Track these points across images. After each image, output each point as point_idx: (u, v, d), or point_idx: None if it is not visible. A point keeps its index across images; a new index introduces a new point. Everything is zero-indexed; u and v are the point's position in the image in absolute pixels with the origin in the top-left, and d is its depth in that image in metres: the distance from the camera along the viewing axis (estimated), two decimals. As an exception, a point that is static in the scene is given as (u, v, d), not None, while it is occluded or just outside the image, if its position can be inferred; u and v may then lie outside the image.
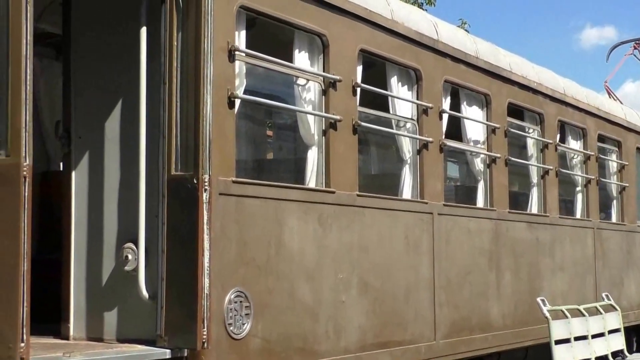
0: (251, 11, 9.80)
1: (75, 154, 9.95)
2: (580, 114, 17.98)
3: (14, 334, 7.17)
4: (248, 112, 10.68)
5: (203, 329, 8.73)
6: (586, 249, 17.88)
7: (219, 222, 8.99)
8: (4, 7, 7.41)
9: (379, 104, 12.27)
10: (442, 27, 13.93)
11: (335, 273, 10.77)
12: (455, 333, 13.24)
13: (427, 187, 12.76)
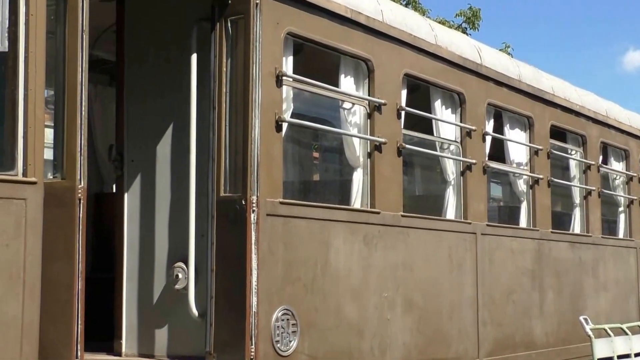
0: (298, 37, 9.88)
1: (128, 177, 10.08)
2: (623, 136, 17.92)
3: (68, 350, 7.29)
4: (295, 135, 10.72)
5: (251, 346, 8.82)
6: (629, 268, 17.80)
7: (266, 242, 9.06)
8: (61, 35, 7.56)
9: (423, 127, 12.29)
10: (485, 51, 13.95)
11: (380, 292, 10.80)
12: (499, 351, 13.22)
13: (471, 208, 12.77)
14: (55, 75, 7.56)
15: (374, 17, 11.00)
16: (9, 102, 7.26)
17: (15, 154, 7.17)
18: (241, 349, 8.82)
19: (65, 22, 7.55)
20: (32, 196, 7.17)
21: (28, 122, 7.23)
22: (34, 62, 7.28)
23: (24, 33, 7.22)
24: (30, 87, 7.25)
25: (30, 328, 7.10)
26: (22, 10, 7.19)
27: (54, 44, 7.52)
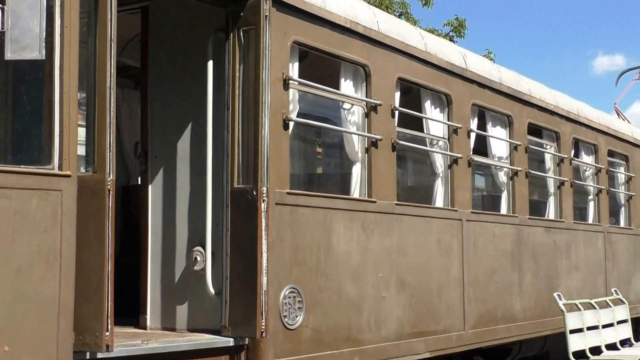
0: (303, 46, 9.89)
1: (152, 171, 10.09)
2: (592, 132, 17.92)
3: (100, 325, 7.30)
4: (300, 132, 10.73)
5: (262, 321, 8.84)
6: (597, 250, 17.81)
7: (275, 229, 9.09)
8: (92, 44, 7.55)
9: (414, 125, 12.28)
10: (470, 57, 13.95)
11: (377, 273, 10.81)
12: (482, 324, 13.24)
13: (457, 197, 12.77)
14: (87, 80, 7.55)
15: (370, 27, 11.00)
16: (46, 104, 7.26)
17: (52, 151, 7.17)
18: (253, 324, 8.84)
19: (95, 32, 7.55)
20: (67, 188, 7.17)
21: (63, 122, 7.23)
22: (68, 68, 7.28)
23: (59, 43, 7.22)
24: (64, 90, 7.25)
25: (66, 305, 7.10)
26: (57, 23, 7.19)
27: (85, 52, 7.52)
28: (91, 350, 7.37)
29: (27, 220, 6.92)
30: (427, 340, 11.78)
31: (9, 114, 7.62)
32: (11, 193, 6.82)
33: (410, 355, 11.44)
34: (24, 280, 6.88)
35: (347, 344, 10.20)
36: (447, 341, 12.31)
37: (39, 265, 6.97)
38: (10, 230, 6.80)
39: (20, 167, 7.01)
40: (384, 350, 10.86)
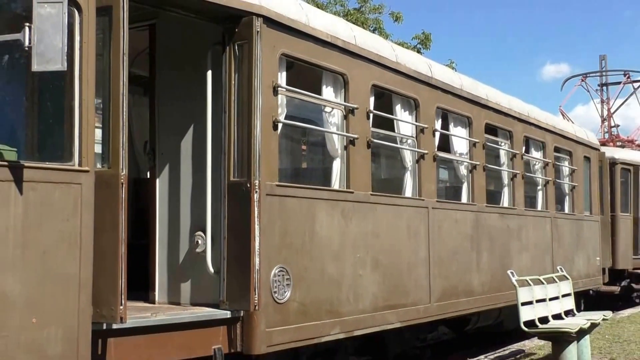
0: (290, 57, 9.91)
1: (159, 166, 10.11)
2: (541, 131, 17.96)
3: (115, 299, 7.34)
4: (288, 132, 10.76)
5: (255, 296, 8.89)
6: (545, 233, 17.89)
7: (266, 216, 9.12)
8: (107, 57, 7.59)
9: (386, 125, 12.30)
10: (435, 67, 13.97)
11: (354, 254, 10.85)
12: (446, 297, 13.28)
13: (424, 188, 12.80)
14: (103, 88, 7.59)
15: (348, 41, 11.02)
16: (67, 109, 7.30)
17: (72, 149, 7.21)
18: (247, 298, 8.90)
19: (110, 47, 7.58)
20: (85, 182, 7.21)
21: (82, 124, 7.26)
22: (86, 78, 7.31)
23: (79, 56, 7.25)
24: (83, 97, 7.28)
25: (86, 282, 7.14)
26: (77, 39, 7.22)
27: (101, 64, 7.55)
28: (107, 321, 7.42)
29: (52, 209, 6.96)
30: (398, 312, 11.84)
31: (35, 118, 7.64)
32: (38, 186, 6.86)
33: (384, 325, 11.50)
34: (49, 261, 6.92)
35: (329, 315, 10.25)
36: (416, 313, 12.37)
37: (62, 248, 7.02)
38: (37, 218, 6.85)
39: (45, 163, 7.05)
40: (361, 321, 10.90)
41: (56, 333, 6.93)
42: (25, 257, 6.75)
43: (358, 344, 11.47)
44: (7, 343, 6.59)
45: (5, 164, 6.68)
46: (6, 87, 7.08)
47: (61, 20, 6.57)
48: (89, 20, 7.35)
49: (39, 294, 6.83)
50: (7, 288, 6.62)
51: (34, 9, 6.56)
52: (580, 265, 20.13)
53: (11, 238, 6.67)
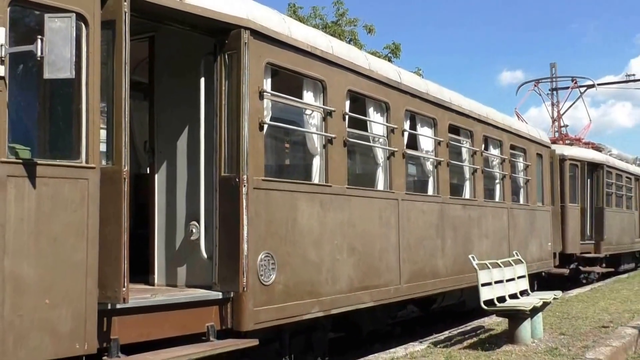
0: (274, 66, 9.93)
1: (157, 163, 10.14)
2: (498, 131, 18.02)
3: (118, 282, 7.36)
4: (272, 133, 10.75)
5: (243, 279, 8.93)
6: (502, 222, 17.96)
7: (253, 207, 9.15)
8: (111, 65, 7.61)
9: (361, 126, 12.33)
10: (404, 73, 14.00)
11: (332, 240, 10.88)
12: (414, 279, 13.32)
13: (394, 182, 12.84)
14: (107, 93, 7.60)
15: (326, 51, 11.06)
16: (75, 112, 7.34)
17: (80, 148, 7.26)
18: (236, 281, 8.94)
19: (113, 56, 7.59)
20: (92, 177, 7.25)
21: (88, 126, 7.30)
22: (92, 84, 7.35)
23: (85, 64, 7.29)
24: (89, 101, 7.32)
25: (92, 268, 7.18)
26: (84, 49, 7.26)
27: (105, 72, 7.56)
28: (111, 302, 7.46)
29: (61, 202, 7.00)
30: (371, 292, 11.88)
31: (47, 120, 7.66)
32: (49, 181, 6.91)
33: (358, 304, 11.55)
34: (60, 248, 6.96)
35: (309, 296, 10.29)
36: (387, 293, 12.42)
37: (71, 236, 7.05)
38: (48, 209, 6.89)
39: (55, 161, 7.09)
40: (338, 301, 10.95)
41: (66, 312, 6.97)
42: (38, 245, 6.79)
43: (335, 321, 11.51)
44: (23, 321, 6.63)
45: (20, 162, 6.73)
46: (21, 92, 7.08)
47: (69, 33, 6.60)
48: (94, 33, 7.39)
49: (50, 277, 6.87)
50: (23, 273, 6.65)
51: (45, 23, 6.61)
52: (534, 250, 20.24)
53: (25, 228, 6.70)
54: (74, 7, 7.14)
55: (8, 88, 6.65)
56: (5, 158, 6.60)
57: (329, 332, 11.51)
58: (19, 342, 6.61)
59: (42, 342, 6.79)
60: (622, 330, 13.98)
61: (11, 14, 6.75)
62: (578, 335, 13.47)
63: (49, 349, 6.85)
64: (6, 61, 6.60)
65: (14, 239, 6.61)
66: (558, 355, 11.43)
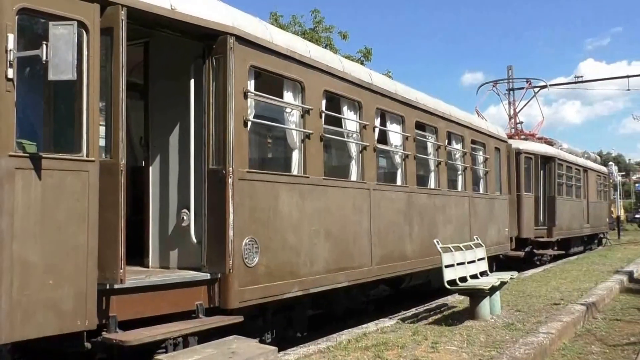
0: (257, 68, 9.95)
1: (151, 156, 10.16)
2: (460, 127, 18.09)
3: (116, 264, 7.39)
4: (256, 129, 10.75)
5: (229, 261, 8.98)
6: (464, 210, 18.06)
7: (238, 196, 9.19)
8: (109, 68, 7.63)
9: (336, 123, 12.36)
10: (375, 75, 14.05)
11: (310, 226, 10.93)
12: (384, 261, 13.38)
13: (366, 173, 12.89)
14: (106, 93, 7.62)
15: (304, 55, 11.09)
16: (77, 110, 7.37)
17: (81, 143, 7.30)
18: (223, 263, 8.99)
19: (111, 60, 7.61)
20: (92, 169, 7.28)
21: (89, 123, 7.34)
22: (92, 85, 7.38)
23: (86, 67, 7.32)
24: (90, 101, 7.35)
25: (92, 251, 7.22)
26: (85, 54, 7.29)
27: (104, 74, 7.58)
28: (110, 282, 7.50)
29: (65, 191, 7.03)
30: (346, 273, 11.95)
31: (51, 118, 7.71)
32: (53, 173, 6.94)
33: (334, 284, 11.61)
34: (63, 233, 6.99)
35: (290, 276, 10.34)
36: (360, 274, 12.48)
37: (73, 223, 7.09)
38: (53, 198, 6.92)
39: (59, 154, 7.13)
40: (316, 281, 11.01)
41: (69, 292, 7.01)
42: (43, 231, 6.83)
43: (314, 300, 11.55)
44: (29, 300, 6.67)
45: (27, 155, 6.77)
46: (28, 93, 7.10)
47: (72, 39, 6.64)
48: (94, 39, 7.42)
49: (54, 260, 6.91)
50: (29, 256, 6.69)
51: (49, 30, 6.65)
52: (493, 235, 20.35)
53: (32, 215, 6.74)
54: (76, 16, 7.18)
55: (16, 89, 6.68)
56: (13, 152, 6.64)
57: (307, 309, 11.55)
58: (26, 318, 6.65)
59: (47, 319, 6.83)
60: (571, 307, 14.11)
61: (19, 22, 6.79)
62: (532, 311, 13.58)
63: (53, 325, 6.90)
64: (14, 64, 6.63)
65: (22, 225, 6.65)
66: (514, 329, 11.52)
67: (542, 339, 10.69)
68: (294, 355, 9.38)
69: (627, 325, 13.83)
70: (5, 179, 6.58)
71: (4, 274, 6.51)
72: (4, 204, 6.56)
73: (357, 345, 10.11)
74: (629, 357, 10.93)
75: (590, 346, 11.70)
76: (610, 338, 12.49)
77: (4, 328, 6.50)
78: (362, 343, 10.26)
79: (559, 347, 11.25)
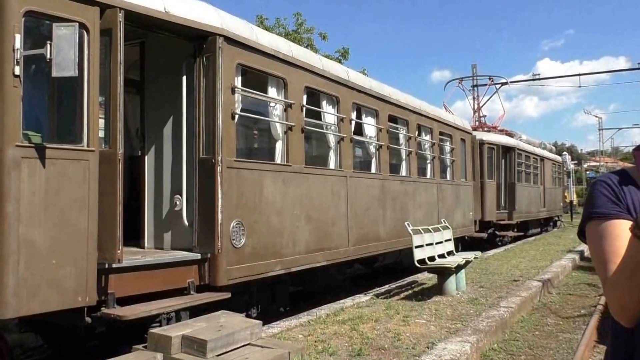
0: (244, 66, 9.92)
1: (147, 146, 10.11)
2: (429, 120, 18.12)
3: (114, 245, 7.38)
4: (243, 121, 10.73)
5: (218, 242, 8.98)
6: (433, 195, 18.10)
7: (226, 183, 9.18)
8: (108, 65, 7.59)
9: (316, 116, 12.38)
10: (351, 72, 14.04)
11: (292, 211, 10.94)
12: (360, 242, 13.41)
13: (343, 162, 12.90)
14: (105, 89, 7.59)
15: (287, 54, 11.07)
16: (78, 104, 7.33)
17: (82, 135, 7.26)
18: (212, 244, 8.98)
19: (110, 58, 7.58)
20: (92, 158, 7.25)
21: (89, 115, 7.30)
22: (92, 81, 7.33)
23: (87, 64, 7.27)
24: (90, 96, 7.31)
25: (92, 234, 7.20)
26: (85, 52, 7.24)
27: (104, 71, 7.55)
28: (108, 262, 7.48)
29: (67, 179, 7.00)
30: (324, 253, 11.97)
31: (55, 111, 7.66)
32: (56, 162, 6.91)
33: (314, 264, 11.63)
34: (65, 217, 6.97)
35: (273, 256, 10.35)
36: (337, 254, 12.50)
37: (75, 208, 7.06)
38: (56, 185, 6.89)
39: (62, 145, 7.08)
40: (297, 260, 11.02)
41: (70, 271, 6.99)
42: (47, 215, 6.80)
43: (295, 277, 11.57)
44: (34, 279, 6.65)
45: (32, 146, 6.73)
46: (33, 88, 7.07)
47: (73, 39, 6.62)
48: (94, 39, 7.37)
49: (57, 242, 6.88)
50: (34, 238, 6.67)
51: (53, 30, 6.61)
52: (459, 218, 20.44)
53: (37, 200, 6.71)
54: (78, 18, 7.14)
55: (22, 84, 6.64)
56: (20, 142, 6.61)
57: (289, 286, 11.57)
58: (31, 295, 6.63)
59: (51, 296, 6.81)
60: (529, 283, 14.27)
61: (25, 24, 6.74)
62: (494, 287, 13.70)
63: (56, 301, 6.88)
64: (21, 62, 6.60)
65: (27, 210, 6.63)
66: (478, 304, 11.61)
67: (502, 312, 10.80)
68: (277, 329, 9.42)
69: (579, 299, 14.06)
70: (12, 167, 6.56)
71: (11, 255, 6.49)
72: (11, 190, 6.54)
73: (335, 319, 10.16)
74: (579, 328, 11.09)
75: (545, 318, 11.87)
76: (564, 311, 12.68)
77: (11, 304, 6.48)
78: (339, 317, 10.32)
79: (518, 320, 11.37)
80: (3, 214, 6.49)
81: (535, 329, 10.91)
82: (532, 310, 12.51)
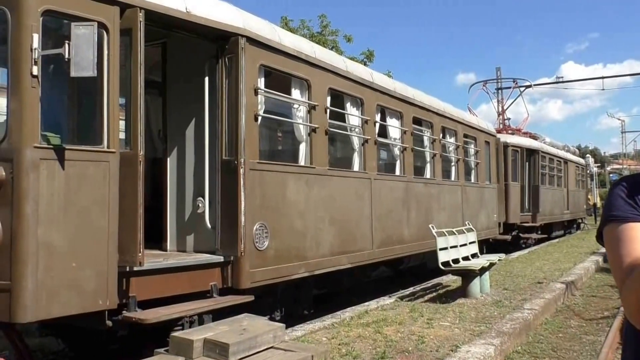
0: (267, 67, 9.76)
1: (169, 148, 10.01)
2: (454, 122, 17.93)
3: (135, 248, 7.22)
4: (266, 123, 10.61)
5: (241, 245, 8.79)
6: (457, 198, 17.89)
7: (249, 185, 9.00)
8: (129, 66, 7.44)
9: (340, 118, 12.22)
10: (375, 74, 13.86)
11: (316, 213, 10.76)
12: (384, 245, 13.23)
13: (367, 164, 12.71)
14: (125, 90, 7.44)
15: (310, 55, 10.90)
16: (98, 105, 7.17)
17: (102, 136, 7.10)
18: (235, 247, 8.80)
19: (131, 58, 7.44)
20: (112, 160, 7.08)
21: (109, 117, 7.14)
22: (112, 82, 7.18)
23: (107, 65, 7.11)
24: (110, 97, 7.16)
25: (113, 236, 7.03)
26: (105, 52, 7.08)
27: (124, 72, 7.41)
28: (129, 265, 7.31)
29: (87, 180, 6.85)
30: (348, 256, 11.78)
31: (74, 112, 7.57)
32: (77, 163, 6.76)
33: (338, 266, 11.44)
34: (85, 218, 6.82)
35: (297, 259, 10.17)
36: (362, 256, 12.31)
37: (95, 208, 6.90)
38: (76, 186, 6.74)
39: (83, 146, 6.95)
40: (321, 263, 10.84)
41: (91, 274, 6.83)
42: (66, 216, 6.65)
43: (319, 280, 11.39)
44: (54, 281, 6.50)
45: (51, 147, 6.60)
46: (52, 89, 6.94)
47: (92, 38, 6.45)
48: (114, 39, 7.21)
49: (77, 244, 6.72)
50: (53, 240, 6.51)
51: (72, 30, 6.45)
52: (483, 220, 20.20)
53: (56, 202, 6.56)
54: (97, 17, 6.98)
55: (41, 85, 6.50)
56: (38, 144, 6.46)
57: (313, 289, 11.39)
58: (51, 298, 6.47)
59: (70, 299, 6.65)
60: (553, 285, 14.13)
61: (44, 23, 6.60)
62: (518, 289, 13.55)
63: (76, 304, 6.71)
64: (39, 62, 6.45)
65: (46, 212, 6.47)
66: (502, 306, 11.48)
67: (526, 314, 10.69)
68: (300, 332, 9.27)
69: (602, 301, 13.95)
70: (31, 168, 6.39)
71: (30, 257, 6.32)
72: (30, 191, 6.37)
73: (359, 321, 10.03)
74: (603, 330, 10.96)
75: (569, 320, 11.76)
76: (587, 313, 12.58)
77: (31, 307, 6.32)
78: (363, 320, 10.18)
79: (542, 322, 11.25)
80: (21, 215, 6.33)
81: (559, 331, 10.77)
82: (556, 313, 12.38)
